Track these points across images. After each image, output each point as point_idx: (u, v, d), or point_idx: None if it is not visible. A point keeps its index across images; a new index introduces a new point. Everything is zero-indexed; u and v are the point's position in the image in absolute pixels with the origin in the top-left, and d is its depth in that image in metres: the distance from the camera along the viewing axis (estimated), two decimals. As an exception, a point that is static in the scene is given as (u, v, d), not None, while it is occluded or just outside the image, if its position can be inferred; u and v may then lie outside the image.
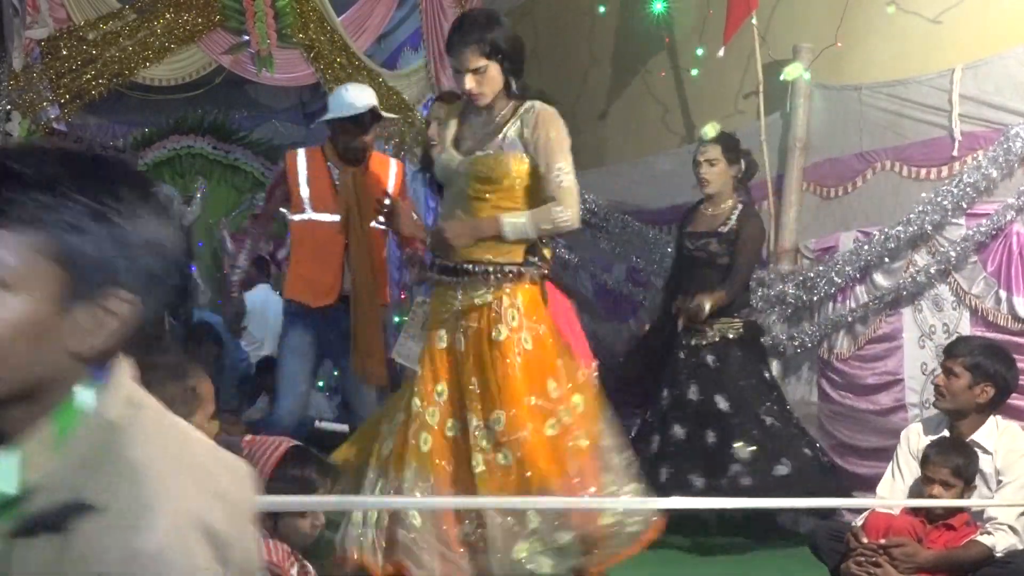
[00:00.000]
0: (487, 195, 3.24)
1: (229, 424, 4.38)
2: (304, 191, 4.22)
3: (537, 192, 3.23)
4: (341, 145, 4.21)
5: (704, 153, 4.41)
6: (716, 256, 4.40)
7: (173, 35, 5.78)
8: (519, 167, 3.21)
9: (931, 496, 3.28)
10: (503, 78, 3.26)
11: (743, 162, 4.46)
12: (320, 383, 8.53)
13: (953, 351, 3.44)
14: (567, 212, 3.17)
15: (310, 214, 4.23)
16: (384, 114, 4.33)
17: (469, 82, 3.21)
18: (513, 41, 3.32)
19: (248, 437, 2.71)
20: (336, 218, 4.18)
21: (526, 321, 3.24)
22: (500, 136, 3.25)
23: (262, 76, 5.98)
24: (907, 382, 4.25)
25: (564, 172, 3.17)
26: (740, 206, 4.43)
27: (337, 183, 4.23)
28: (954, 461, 3.24)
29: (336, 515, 3.26)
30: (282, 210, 4.54)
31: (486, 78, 3.22)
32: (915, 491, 3.40)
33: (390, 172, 4.38)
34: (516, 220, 3.19)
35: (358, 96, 4.24)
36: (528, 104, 3.27)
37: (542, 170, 3.18)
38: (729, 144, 4.42)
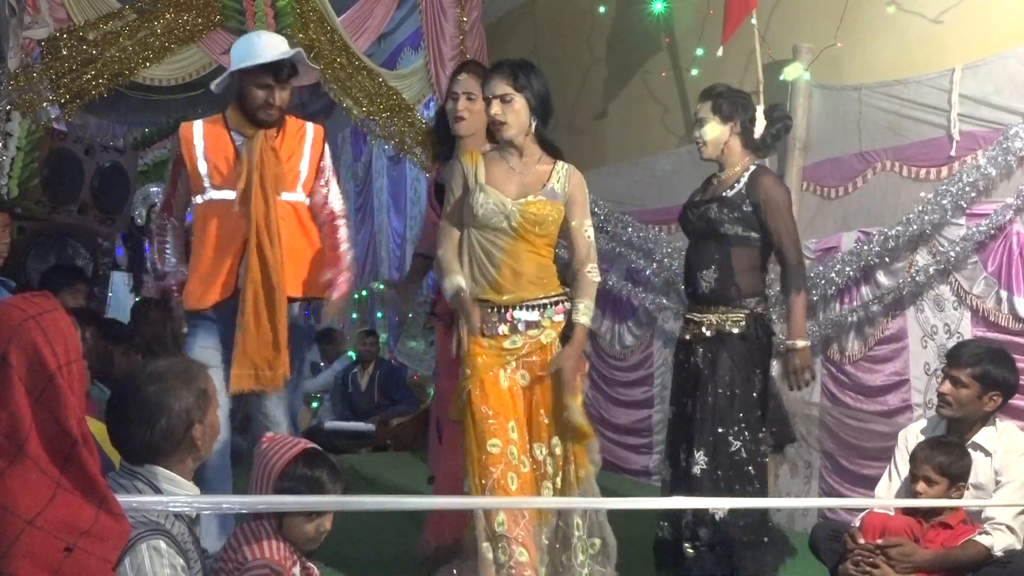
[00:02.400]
0: (531, 238, 3.40)
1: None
2: (202, 166, 3.53)
3: (555, 239, 3.50)
4: (251, 104, 3.50)
5: (695, 113, 3.82)
6: (717, 224, 3.66)
7: (173, 35, 5.78)
8: (561, 217, 3.46)
9: (916, 493, 3.28)
10: (529, 117, 3.40)
11: (740, 121, 3.72)
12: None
13: (958, 359, 3.34)
14: (596, 267, 3.46)
15: (211, 193, 3.53)
16: (309, 64, 3.63)
17: (495, 108, 3.37)
18: (544, 86, 3.44)
19: (269, 434, 2.72)
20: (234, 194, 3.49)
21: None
22: (547, 187, 3.44)
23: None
24: (912, 382, 4.26)
25: (591, 227, 3.49)
26: (753, 166, 3.72)
27: (239, 150, 3.52)
28: (937, 459, 3.24)
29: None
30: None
31: (511, 109, 3.37)
32: (913, 491, 3.40)
33: (307, 139, 3.69)
34: (586, 311, 3.40)
35: (272, 43, 3.53)
36: (563, 164, 3.49)
37: (573, 224, 3.46)
38: (720, 99, 3.72)
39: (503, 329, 3.34)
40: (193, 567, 2.12)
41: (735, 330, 3.62)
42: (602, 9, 6.06)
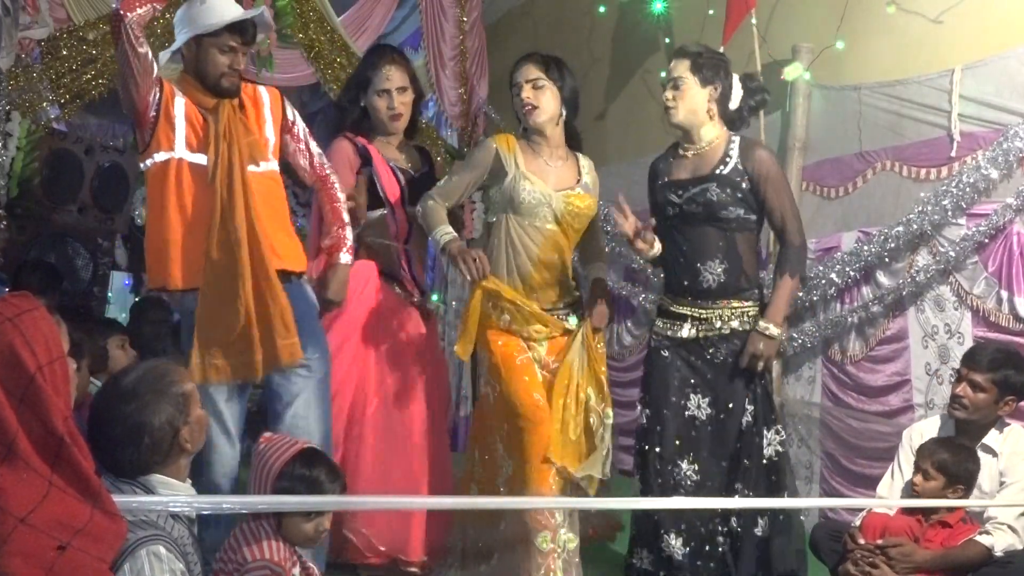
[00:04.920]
0: (570, 232, 3.42)
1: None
2: (180, 125, 3.13)
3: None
4: (213, 72, 3.15)
5: (675, 68, 3.37)
6: (719, 207, 3.28)
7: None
8: (593, 212, 3.50)
9: (913, 485, 3.28)
10: (559, 106, 3.40)
11: (722, 85, 3.37)
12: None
13: (977, 362, 3.30)
14: None
15: (183, 153, 3.11)
16: (269, 23, 3.31)
17: (526, 92, 3.35)
18: (575, 81, 3.48)
19: (267, 435, 2.71)
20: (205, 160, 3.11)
21: None
22: (581, 180, 3.46)
23: (262, 76, 5.96)
24: (913, 383, 4.25)
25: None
26: (735, 138, 3.40)
27: (207, 121, 3.15)
28: (939, 455, 3.23)
29: None
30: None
31: (542, 94, 3.36)
32: (912, 484, 3.41)
33: (265, 104, 3.32)
34: (604, 269, 3.65)
35: (230, 4, 3.20)
36: (584, 158, 3.53)
37: (593, 217, 3.53)
38: (700, 59, 3.35)
39: (529, 328, 3.36)
40: (193, 570, 2.12)
41: (744, 326, 3.32)
42: (602, 9, 6.05)
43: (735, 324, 3.34)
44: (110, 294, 7.47)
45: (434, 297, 9.31)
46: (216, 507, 2.49)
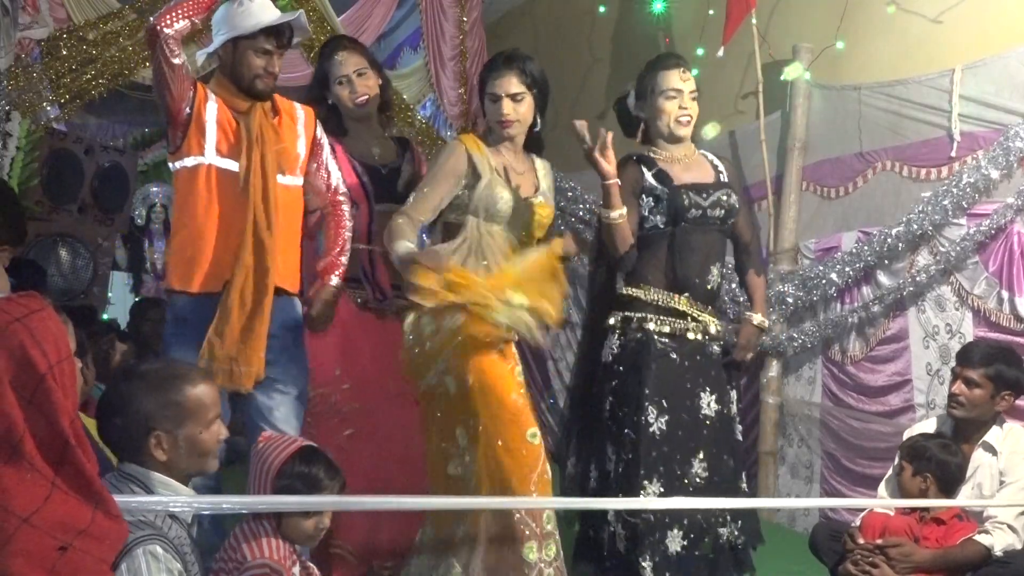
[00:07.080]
0: (531, 241, 3.30)
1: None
2: (210, 129, 3.14)
3: None
4: (248, 74, 3.17)
5: (686, 79, 3.43)
6: (735, 211, 3.43)
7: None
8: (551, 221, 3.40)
9: (900, 481, 3.37)
10: (534, 115, 3.32)
11: None
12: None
13: (970, 359, 3.33)
14: None
15: (213, 158, 3.13)
16: (306, 28, 3.34)
17: (506, 107, 3.24)
18: (546, 79, 3.36)
19: (265, 433, 2.70)
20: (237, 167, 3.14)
21: None
22: (541, 187, 3.36)
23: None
24: (914, 383, 4.25)
25: None
26: (700, 149, 3.59)
27: (240, 126, 3.17)
28: (906, 443, 3.37)
29: None
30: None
31: (521, 107, 3.27)
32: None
33: (299, 120, 3.35)
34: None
35: (266, 5, 3.20)
36: (540, 162, 3.42)
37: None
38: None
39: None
40: (191, 570, 2.12)
41: (718, 332, 3.45)
42: (602, 9, 6.06)
43: (720, 327, 3.49)
44: (110, 294, 7.47)
45: None
46: (216, 507, 2.49)
